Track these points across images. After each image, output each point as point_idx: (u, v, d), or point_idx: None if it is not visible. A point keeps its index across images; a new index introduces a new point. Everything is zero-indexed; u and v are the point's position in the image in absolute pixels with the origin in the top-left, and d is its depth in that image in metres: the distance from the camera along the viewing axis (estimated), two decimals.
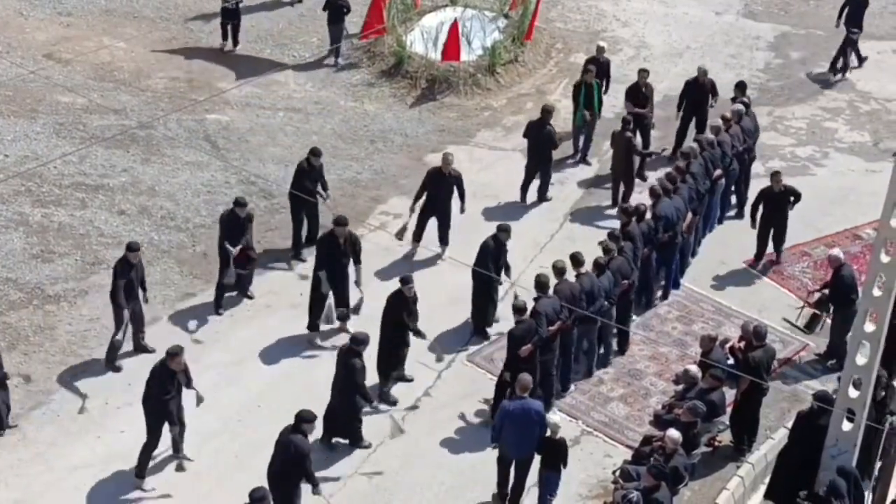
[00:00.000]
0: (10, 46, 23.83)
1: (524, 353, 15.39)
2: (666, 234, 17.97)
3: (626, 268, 17.00)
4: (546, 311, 15.69)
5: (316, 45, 25.00)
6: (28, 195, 19.72)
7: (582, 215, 20.44)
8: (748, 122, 20.48)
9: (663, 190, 18.26)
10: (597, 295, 16.41)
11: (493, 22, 25.46)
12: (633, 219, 17.70)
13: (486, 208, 20.16)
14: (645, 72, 21.86)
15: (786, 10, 28.05)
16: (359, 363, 15.09)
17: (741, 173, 20.41)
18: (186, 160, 20.97)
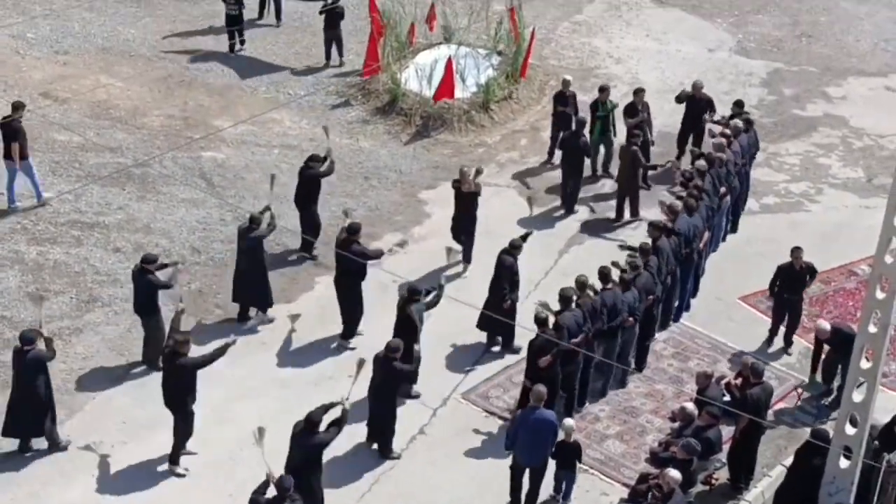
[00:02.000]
0: (7, 85, 23.89)
1: (543, 363, 15.70)
2: (685, 251, 18.25)
3: (651, 283, 17.26)
4: (568, 325, 16.06)
5: (311, 83, 25.10)
6: (24, 233, 19.72)
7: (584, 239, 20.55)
8: (744, 139, 20.81)
9: (686, 207, 18.50)
10: (620, 310, 16.65)
11: (486, 59, 25.58)
12: (663, 234, 17.95)
13: (481, 243, 20.15)
14: (641, 91, 22.34)
15: (778, 46, 28.22)
16: (399, 365, 15.52)
17: (740, 190, 20.82)
18: (182, 197, 21.00)
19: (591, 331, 16.43)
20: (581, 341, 16.21)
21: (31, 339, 15.30)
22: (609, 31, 28.36)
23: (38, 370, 15.30)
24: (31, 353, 15.24)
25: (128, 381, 17.00)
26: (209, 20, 27.20)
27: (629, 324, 16.97)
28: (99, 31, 26.43)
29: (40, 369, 15.32)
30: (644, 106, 22.14)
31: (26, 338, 15.30)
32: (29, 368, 15.25)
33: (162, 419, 15.84)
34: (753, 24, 29.24)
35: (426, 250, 20.07)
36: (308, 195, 19.54)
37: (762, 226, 21.46)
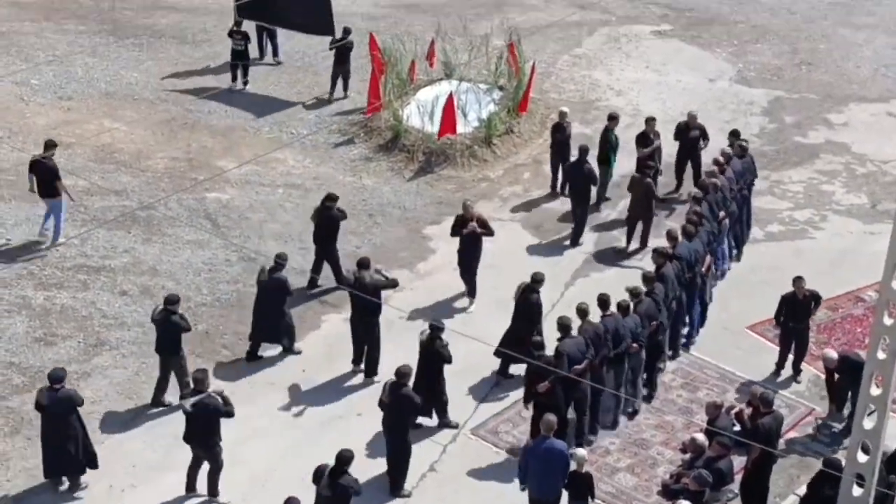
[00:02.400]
0: (12, 131, 24.01)
1: (542, 389, 15.73)
2: (687, 276, 18.37)
3: (654, 310, 17.32)
4: (569, 352, 16.08)
5: (313, 122, 25.20)
6: (30, 278, 19.76)
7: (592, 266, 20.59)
8: (738, 165, 20.98)
9: (685, 233, 18.67)
10: (623, 336, 16.70)
11: (487, 94, 25.69)
12: (667, 260, 18.09)
13: (487, 277, 20.17)
14: (653, 119, 22.58)
15: (778, 75, 28.31)
16: (408, 391, 15.61)
17: (739, 214, 20.97)
18: (187, 239, 21.05)
19: (598, 357, 16.47)
20: (585, 368, 16.24)
21: (59, 378, 15.35)
22: (609, 64, 28.48)
23: (69, 408, 15.36)
24: (61, 392, 15.31)
25: (137, 425, 16.97)
26: (211, 61, 27.33)
27: (634, 350, 17.01)
28: (102, 76, 26.58)
29: (71, 408, 15.36)
30: (656, 135, 22.38)
31: (55, 377, 15.35)
32: (60, 407, 15.29)
33: (172, 462, 15.84)
34: (753, 54, 29.37)
35: (431, 286, 20.09)
36: (329, 234, 19.61)
37: (767, 254, 21.46)
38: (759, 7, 32.12)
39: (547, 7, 31.60)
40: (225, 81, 26.38)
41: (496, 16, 30.31)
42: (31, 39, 28.02)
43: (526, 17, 30.63)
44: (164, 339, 17.05)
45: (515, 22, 29.35)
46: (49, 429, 15.45)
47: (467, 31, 28.58)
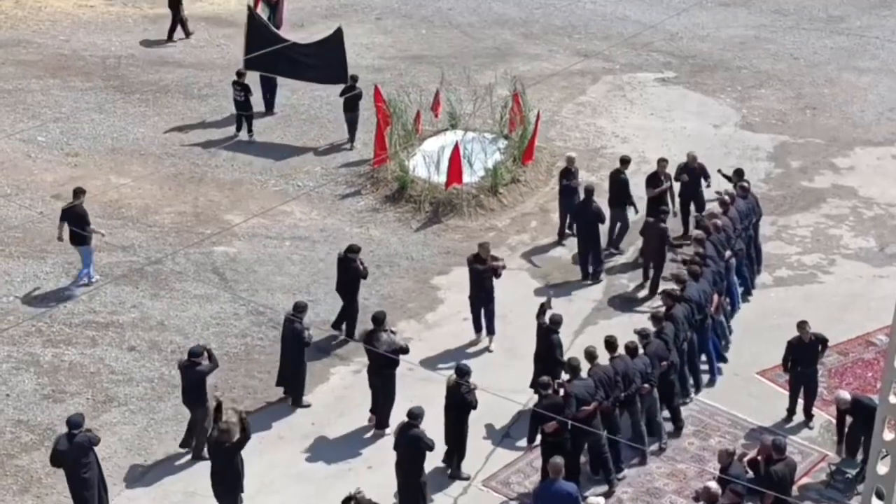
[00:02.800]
0: (19, 188, 24.11)
1: (548, 428, 15.81)
2: (698, 317, 18.48)
3: (663, 350, 17.40)
4: (577, 393, 16.14)
5: (320, 174, 25.26)
6: (38, 335, 19.75)
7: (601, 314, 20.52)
8: (742, 204, 21.16)
9: (691, 275, 18.77)
10: (631, 377, 16.75)
11: (493, 143, 25.76)
12: (676, 302, 18.24)
13: (497, 327, 20.14)
14: (664, 160, 22.74)
15: (783, 120, 28.37)
16: (419, 432, 15.68)
17: (747, 254, 21.19)
18: (195, 293, 21.04)
19: (610, 400, 16.52)
20: (593, 410, 16.25)
21: (77, 424, 15.48)
22: (613, 111, 28.56)
23: (87, 451, 15.44)
24: (79, 437, 15.43)
25: (146, 482, 16.90)
26: (217, 115, 27.47)
27: (645, 391, 17.06)
28: (108, 132, 26.71)
29: (88, 450, 15.45)
30: (666, 176, 22.53)
31: (74, 422, 15.48)
32: (77, 451, 15.39)
33: None
34: (757, 99, 29.44)
35: (440, 336, 20.05)
36: (351, 285, 19.72)
37: (776, 299, 21.40)
38: (762, 53, 32.25)
39: (551, 56, 31.75)
40: (232, 136, 26.51)
41: (500, 66, 30.45)
42: (38, 97, 28.20)
43: (530, 66, 30.77)
44: (188, 390, 17.11)
45: (519, 72, 29.48)
46: (70, 476, 15.53)
47: (471, 82, 28.71)
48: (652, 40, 32.62)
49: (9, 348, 19.38)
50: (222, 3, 34.64)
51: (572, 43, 32.80)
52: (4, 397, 18.34)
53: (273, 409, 18.28)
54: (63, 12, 33.64)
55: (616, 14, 34.89)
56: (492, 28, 33.73)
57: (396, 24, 33.73)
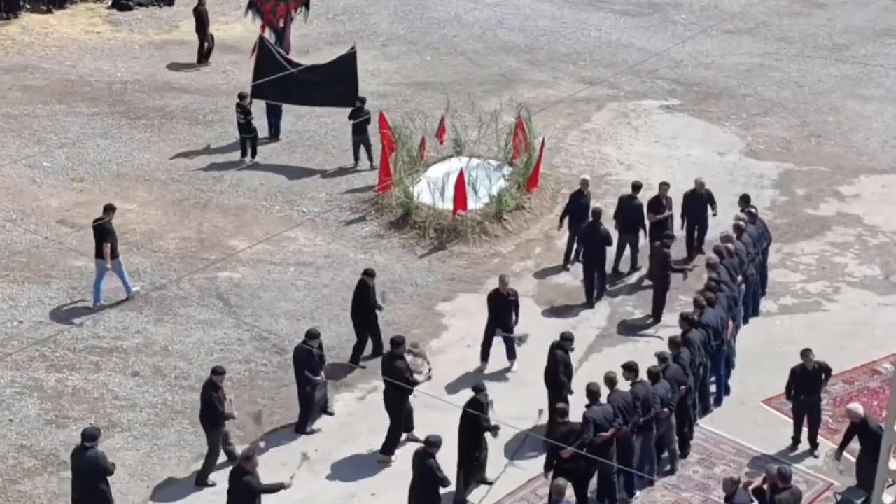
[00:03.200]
0: (24, 213, 24.13)
1: (565, 454, 15.83)
2: (714, 343, 18.52)
3: (681, 374, 17.46)
4: (595, 418, 16.17)
5: (324, 200, 25.28)
6: (42, 360, 19.74)
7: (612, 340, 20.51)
8: (753, 230, 21.31)
9: (707, 301, 18.79)
10: (651, 403, 16.77)
11: (498, 170, 25.78)
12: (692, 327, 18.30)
13: (500, 354, 20.11)
14: (665, 184, 22.83)
15: (788, 148, 28.39)
16: (434, 464, 15.68)
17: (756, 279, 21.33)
18: (199, 319, 21.03)
19: (629, 425, 16.54)
20: (610, 436, 16.28)
21: (92, 437, 15.62)
22: (619, 138, 28.60)
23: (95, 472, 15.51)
24: (90, 452, 15.51)
25: None
26: (222, 141, 27.52)
27: (664, 415, 17.12)
28: (113, 157, 26.76)
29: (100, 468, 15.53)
30: (668, 200, 22.61)
31: (88, 435, 15.62)
32: (88, 466, 15.50)
33: None
34: (762, 127, 29.48)
35: (445, 362, 20.00)
36: (361, 309, 19.85)
37: (781, 327, 21.36)
38: (767, 80, 32.31)
39: (556, 83, 31.83)
40: (237, 162, 26.59)
41: (505, 92, 30.51)
42: (44, 122, 28.27)
43: (535, 93, 30.84)
44: (205, 412, 17.19)
45: (525, 98, 29.53)
46: (74, 488, 15.66)
47: (477, 108, 28.75)
48: (657, 68, 32.70)
49: (12, 373, 19.36)
50: (227, 30, 34.75)
51: (577, 70, 32.88)
52: (8, 422, 18.31)
53: (276, 435, 18.21)
54: (70, 38, 33.77)
55: (621, 41, 34.99)
56: (497, 55, 33.82)
57: (402, 51, 33.84)
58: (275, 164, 26.67)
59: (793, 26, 36.75)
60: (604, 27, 36.23)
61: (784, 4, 38.69)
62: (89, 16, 35.47)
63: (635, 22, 36.83)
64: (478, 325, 20.57)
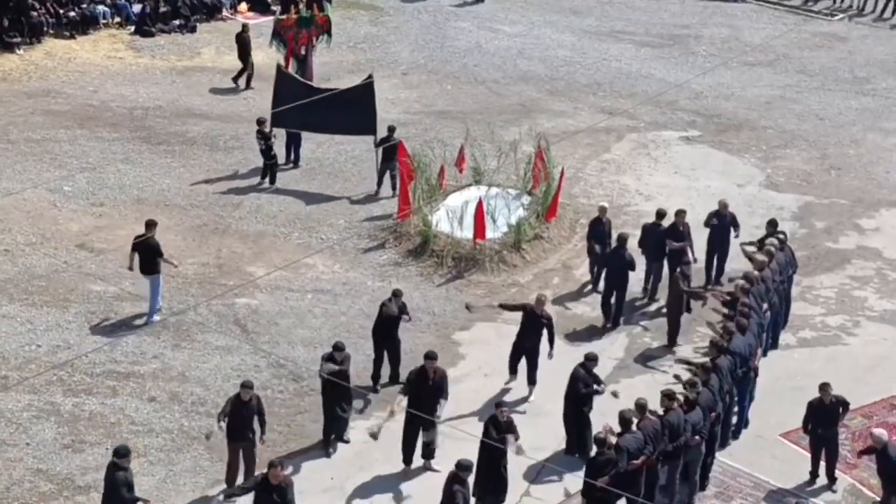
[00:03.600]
0: (44, 237, 24.23)
1: (602, 483, 15.89)
2: (741, 370, 18.45)
3: (712, 401, 17.47)
4: (628, 447, 16.21)
5: (343, 227, 25.31)
6: (59, 384, 19.76)
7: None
8: (782, 257, 21.35)
9: (738, 327, 18.73)
10: (682, 431, 16.75)
11: (516, 199, 25.78)
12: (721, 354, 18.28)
13: (517, 385, 20.05)
14: (682, 212, 22.88)
15: (808, 180, 28.33)
16: (462, 490, 15.73)
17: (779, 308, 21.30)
18: (216, 345, 21.04)
19: (655, 453, 16.51)
20: (641, 464, 16.30)
21: (122, 453, 15.77)
22: (638, 169, 28.58)
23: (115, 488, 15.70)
24: (118, 473, 15.72)
25: None
26: (242, 168, 27.61)
27: (694, 443, 17.05)
28: (134, 182, 26.86)
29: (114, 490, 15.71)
30: (685, 227, 22.65)
31: (118, 451, 15.84)
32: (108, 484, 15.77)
33: None
34: (782, 159, 29.43)
35: (462, 391, 19.91)
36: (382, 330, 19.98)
37: (800, 360, 21.25)
38: (787, 113, 32.29)
39: (576, 113, 31.87)
40: (256, 187, 26.69)
41: (525, 122, 30.56)
42: (65, 147, 28.42)
43: (554, 123, 30.88)
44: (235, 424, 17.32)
45: (544, 128, 29.58)
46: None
47: (496, 138, 28.81)
48: (677, 99, 32.73)
49: (30, 397, 19.39)
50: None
51: (597, 100, 32.92)
52: (24, 446, 18.32)
53: (292, 462, 18.15)
54: (92, 63, 34.01)
55: (641, 72, 35.04)
56: (517, 84, 33.90)
57: (422, 80, 33.96)
58: (294, 191, 26.73)
59: (814, 59, 36.76)
60: (624, 58, 36.30)
61: (805, 37, 38.73)
62: (112, 41, 35.71)
63: (655, 53, 36.90)
64: (495, 354, 20.59)
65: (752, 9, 41.85)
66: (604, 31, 38.99)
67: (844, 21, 40.83)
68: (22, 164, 27.38)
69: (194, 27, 36.98)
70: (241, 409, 17.15)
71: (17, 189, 25.69)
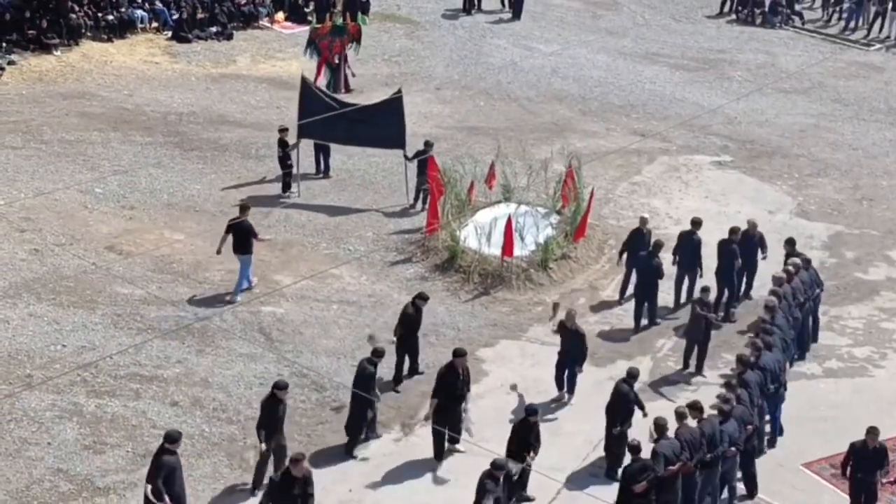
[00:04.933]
0: (74, 238, 24.35)
1: (639, 489, 16.30)
2: (772, 386, 18.86)
3: (747, 414, 17.83)
4: (665, 453, 16.59)
5: (371, 240, 25.33)
6: (83, 385, 19.84)
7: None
8: (806, 276, 21.83)
9: (765, 344, 19.07)
10: (719, 441, 17.13)
11: (545, 218, 25.73)
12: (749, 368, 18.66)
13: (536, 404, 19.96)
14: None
15: (839, 210, 28.17)
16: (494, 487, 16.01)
17: (804, 323, 21.65)
18: (240, 352, 21.08)
19: (694, 460, 16.84)
20: (677, 470, 16.56)
21: (173, 438, 16.32)
22: (668, 192, 28.50)
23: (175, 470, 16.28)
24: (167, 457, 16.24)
25: None
26: (273, 176, 27.66)
27: (731, 454, 17.39)
28: (165, 187, 26.98)
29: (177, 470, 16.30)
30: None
31: (168, 435, 16.38)
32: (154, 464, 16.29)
33: None
34: (814, 187, 29.29)
35: (484, 408, 19.88)
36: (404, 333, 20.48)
37: (825, 390, 21.10)
38: (820, 141, 32.15)
39: (608, 134, 31.83)
40: (288, 197, 26.76)
41: (557, 141, 30.55)
42: (99, 149, 28.59)
43: (586, 143, 30.85)
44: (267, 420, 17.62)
45: (576, 148, 29.56)
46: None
47: (527, 155, 28.79)
48: (710, 123, 32.65)
49: (53, 396, 19.47)
50: (284, 66, 35.09)
51: (630, 122, 32.87)
52: (46, 445, 18.40)
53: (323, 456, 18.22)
54: (128, 67, 34.22)
55: (675, 95, 34.97)
56: (550, 103, 33.90)
57: (455, 95, 34.00)
58: (323, 202, 26.77)
59: (849, 88, 36.60)
60: (658, 80, 36.24)
61: (841, 66, 38.57)
62: (149, 46, 35.95)
63: (690, 77, 36.83)
64: (518, 372, 20.53)
65: (788, 36, 41.70)
66: (639, 52, 38.94)
67: (882, 51, 40.64)
68: (55, 165, 27.55)
69: (231, 35, 37.18)
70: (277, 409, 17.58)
71: (48, 189, 25.87)
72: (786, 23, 42.59)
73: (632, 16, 43.11)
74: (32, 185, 26.28)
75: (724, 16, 43.54)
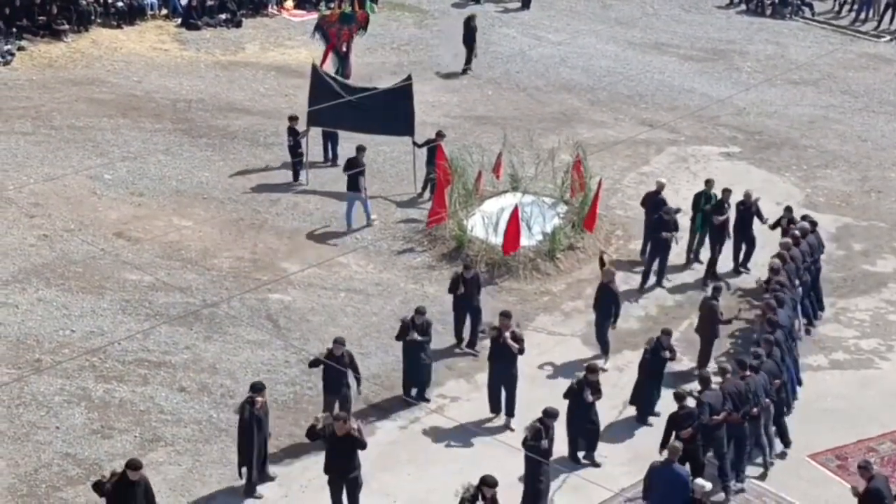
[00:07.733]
0: (83, 224, 24.43)
1: (685, 435, 17.22)
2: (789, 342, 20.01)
3: (776, 370, 18.84)
4: (710, 402, 17.63)
5: (378, 228, 25.37)
6: (92, 370, 19.93)
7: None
8: (812, 239, 22.83)
9: (777, 301, 20.08)
10: (760, 395, 18.13)
11: (552, 208, 25.74)
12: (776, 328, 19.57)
13: (542, 394, 20.00)
14: (728, 190, 24.36)
15: (847, 202, 28.15)
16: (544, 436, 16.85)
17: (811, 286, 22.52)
18: (248, 339, 21.15)
19: (741, 412, 17.77)
20: (723, 419, 17.60)
21: (260, 388, 17.01)
22: (676, 183, 28.45)
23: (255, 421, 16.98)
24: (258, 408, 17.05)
25: None
26: (281, 164, 27.72)
27: (766, 405, 18.35)
28: (174, 174, 27.04)
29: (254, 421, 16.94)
30: (729, 206, 24.10)
31: (255, 386, 17.09)
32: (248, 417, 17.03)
33: None
34: (822, 179, 29.27)
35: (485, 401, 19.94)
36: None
37: (831, 382, 21.11)
38: (829, 133, 32.12)
39: (616, 124, 31.82)
40: (296, 185, 26.83)
41: (565, 131, 30.55)
42: (108, 135, 28.66)
43: (594, 133, 30.84)
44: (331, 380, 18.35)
45: (584, 138, 29.55)
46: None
47: (535, 145, 28.80)
48: (719, 114, 32.62)
49: (62, 381, 19.57)
50: (292, 54, 35.13)
51: (638, 112, 32.86)
52: (54, 429, 18.50)
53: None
54: (138, 54, 34.29)
55: (684, 86, 34.95)
56: (558, 93, 33.90)
57: (463, 84, 34.01)
58: (331, 190, 26.80)
59: (859, 80, 36.55)
60: (667, 71, 36.22)
61: (851, 58, 38.51)
62: (158, 33, 36.01)
63: (699, 67, 36.79)
64: (524, 361, 20.40)
65: (798, 27, 41.65)
66: (648, 43, 38.91)
67: (892, 43, 40.55)
68: (64, 151, 27.64)
69: (240, 22, 37.24)
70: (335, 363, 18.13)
71: (58, 175, 25.95)
72: (796, 13, 42.53)
73: (641, 6, 43.06)
74: (42, 171, 26.37)
75: (733, 6, 43.49)
